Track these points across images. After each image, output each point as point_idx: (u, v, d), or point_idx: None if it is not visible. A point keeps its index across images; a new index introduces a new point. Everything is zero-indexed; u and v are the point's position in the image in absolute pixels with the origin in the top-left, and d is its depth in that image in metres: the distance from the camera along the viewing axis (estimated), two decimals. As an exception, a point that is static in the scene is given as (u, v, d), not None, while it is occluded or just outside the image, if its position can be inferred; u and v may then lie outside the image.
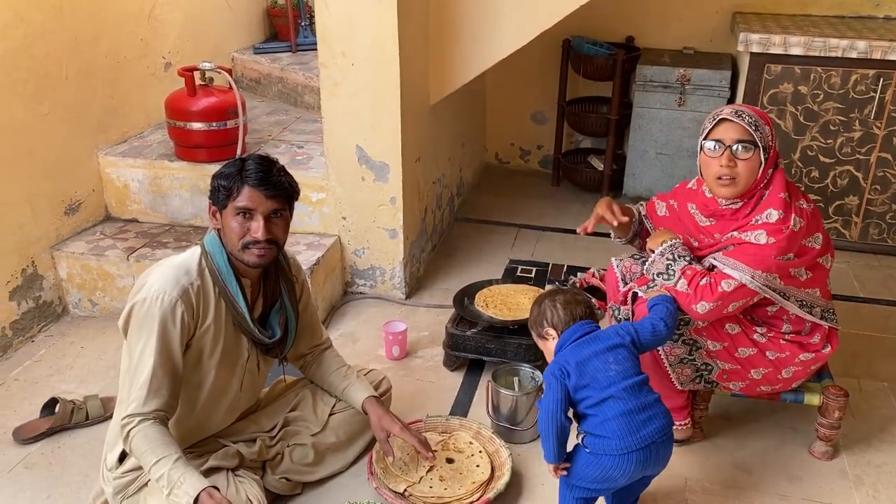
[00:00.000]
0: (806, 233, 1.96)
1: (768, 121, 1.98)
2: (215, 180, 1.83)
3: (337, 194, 3.01)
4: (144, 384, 1.75)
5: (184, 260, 1.86)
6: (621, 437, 1.73)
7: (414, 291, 3.21)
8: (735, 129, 1.93)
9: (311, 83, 3.66)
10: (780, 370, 2.07)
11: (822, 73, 3.26)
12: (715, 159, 1.95)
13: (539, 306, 1.92)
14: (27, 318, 2.84)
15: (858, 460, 2.26)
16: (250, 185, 1.79)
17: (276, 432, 2.11)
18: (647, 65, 3.78)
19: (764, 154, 1.93)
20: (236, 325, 1.90)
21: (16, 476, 2.18)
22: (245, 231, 1.81)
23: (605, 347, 1.80)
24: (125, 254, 2.91)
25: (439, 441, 2.22)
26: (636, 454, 1.74)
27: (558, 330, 1.87)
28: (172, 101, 3.05)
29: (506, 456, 2.18)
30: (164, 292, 1.77)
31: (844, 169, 3.39)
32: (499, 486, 2.07)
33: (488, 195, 4.20)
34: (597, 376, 1.77)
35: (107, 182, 3.17)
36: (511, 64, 3.47)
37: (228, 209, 1.82)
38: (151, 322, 1.76)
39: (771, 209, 1.93)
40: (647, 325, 1.87)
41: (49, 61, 2.81)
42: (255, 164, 1.82)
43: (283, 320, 2.01)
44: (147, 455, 1.72)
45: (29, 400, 2.50)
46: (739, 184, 1.95)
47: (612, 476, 1.77)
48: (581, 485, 1.84)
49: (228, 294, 1.86)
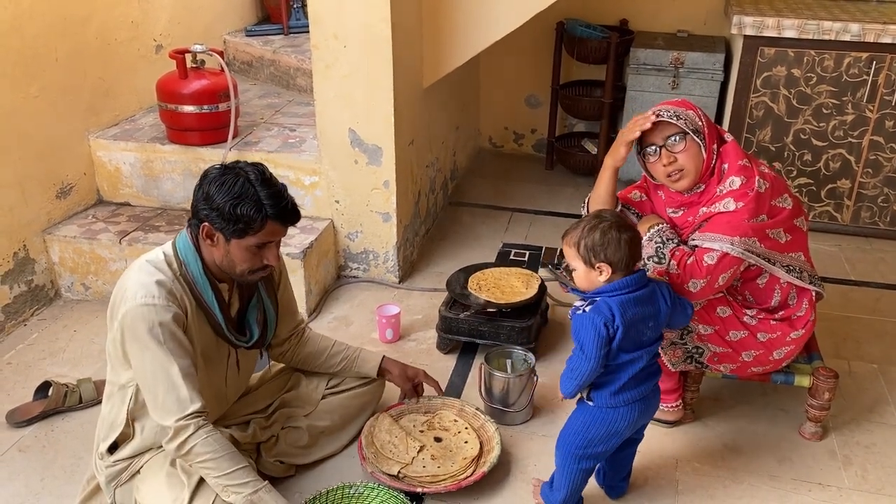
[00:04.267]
0: (772, 194, 1.99)
1: (690, 106, 2.02)
2: (231, 209, 1.69)
3: (330, 178, 3.00)
4: (180, 387, 1.70)
5: (158, 262, 1.78)
6: (629, 390, 1.81)
7: (407, 275, 3.21)
8: (658, 128, 2.00)
9: (304, 66, 3.64)
10: (772, 351, 2.09)
11: (815, 56, 3.26)
12: (658, 162, 2.02)
13: (603, 234, 1.74)
14: (19, 301, 2.84)
15: (847, 441, 2.28)
16: (272, 219, 1.73)
17: (272, 413, 2.12)
18: (640, 48, 3.77)
19: (697, 136, 1.97)
20: (214, 331, 1.87)
21: (9, 459, 2.19)
22: (258, 261, 1.78)
23: (653, 312, 1.79)
24: (117, 237, 2.90)
25: (424, 421, 2.24)
26: (638, 404, 1.84)
27: (614, 268, 1.75)
28: (164, 84, 3.03)
29: (493, 430, 2.21)
30: (151, 295, 1.71)
31: (837, 152, 3.40)
32: (491, 459, 2.10)
33: (482, 179, 4.19)
34: (634, 339, 1.77)
35: (98, 165, 3.15)
36: (505, 47, 3.46)
37: (244, 241, 1.74)
38: (152, 327, 1.69)
39: (732, 177, 1.98)
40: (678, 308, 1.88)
41: (39, 42, 2.79)
42: (273, 196, 1.72)
43: (262, 316, 1.99)
44: (221, 462, 1.72)
45: (22, 383, 2.50)
46: (690, 173, 2.00)
47: (618, 430, 1.84)
48: (589, 450, 1.85)
49: (205, 303, 1.81)
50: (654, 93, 3.79)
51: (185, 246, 1.81)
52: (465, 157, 4.26)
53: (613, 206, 2.18)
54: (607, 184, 2.16)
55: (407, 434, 2.16)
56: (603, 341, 1.73)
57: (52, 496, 2.06)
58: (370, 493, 1.99)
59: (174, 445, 1.72)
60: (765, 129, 3.42)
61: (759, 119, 3.41)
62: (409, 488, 2.01)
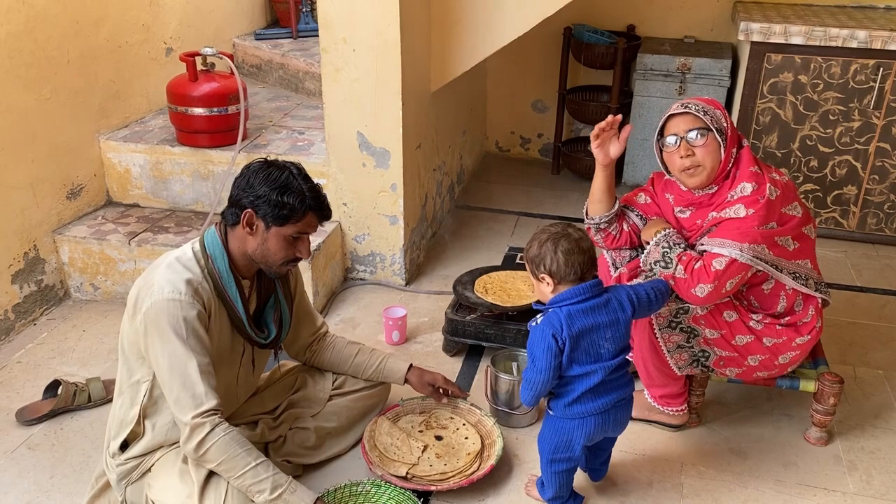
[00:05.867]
0: (783, 201, 2.00)
1: (717, 105, 2.04)
2: (278, 196, 1.77)
3: (338, 180, 3.02)
4: (196, 383, 1.72)
5: (185, 259, 1.82)
6: (584, 403, 1.82)
7: (414, 278, 3.22)
8: (685, 119, 2.01)
9: (312, 69, 3.67)
10: (777, 356, 2.10)
11: (822, 63, 3.27)
12: (675, 153, 2.02)
13: (540, 247, 1.79)
14: (29, 301, 2.86)
15: (852, 446, 2.28)
16: (314, 210, 1.83)
17: (280, 413, 2.13)
18: (647, 53, 3.79)
19: (720, 135, 1.98)
20: (233, 326, 1.90)
21: (19, 457, 2.20)
22: (292, 252, 1.85)
23: (609, 321, 1.79)
24: (126, 238, 2.93)
25: (421, 421, 2.25)
26: (595, 418, 1.85)
27: (556, 279, 1.79)
28: (174, 87, 3.05)
29: (491, 424, 2.23)
30: (178, 291, 1.74)
31: (843, 159, 3.41)
32: (496, 451, 2.12)
33: (488, 183, 4.21)
34: (588, 351, 1.79)
35: (108, 167, 3.18)
36: (512, 52, 3.48)
37: (283, 229, 1.80)
38: (175, 322, 1.72)
39: (744, 183, 1.98)
40: (643, 294, 1.87)
41: (51, 45, 2.82)
42: (310, 187, 1.83)
43: (278, 315, 2.02)
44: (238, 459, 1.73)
45: (32, 382, 2.52)
46: (705, 170, 2.00)
47: (573, 440, 1.86)
48: (557, 455, 1.90)
49: (227, 297, 1.85)
50: (660, 98, 3.80)
51: (212, 241, 1.85)
52: (472, 160, 4.28)
53: (610, 204, 2.19)
54: (598, 183, 2.18)
55: (407, 435, 2.17)
56: (553, 352, 1.76)
57: (62, 494, 2.07)
58: (377, 492, 2.00)
59: (192, 446, 1.73)
60: (771, 135, 3.43)
61: (766, 125, 3.42)
62: (422, 487, 2.02)
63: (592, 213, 2.22)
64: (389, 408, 2.28)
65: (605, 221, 2.20)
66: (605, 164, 2.16)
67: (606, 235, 2.22)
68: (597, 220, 2.21)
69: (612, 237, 2.22)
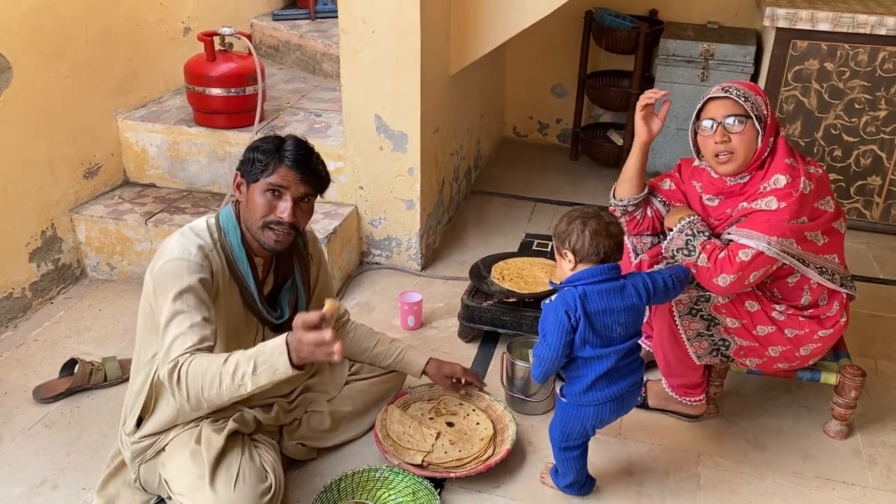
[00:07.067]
0: (816, 195, 1.95)
1: (759, 91, 1.99)
2: (251, 152, 1.80)
3: (355, 164, 3.00)
4: (182, 324, 1.68)
5: (198, 229, 1.84)
6: (600, 390, 1.81)
7: (429, 263, 3.21)
8: (725, 104, 1.95)
9: (330, 51, 3.64)
10: (798, 348, 2.06)
11: (849, 50, 3.21)
12: (710, 137, 1.97)
13: (569, 223, 1.80)
14: (46, 279, 2.87)
15: (873, 440, 2.25)
16: (287, 164, 1.78)
17: (295, 397, 2.13)
18: (670, 38, 3.73)
19: (759, 123, 1.93)
20: (245, 303, 1.89)
21: (36, 434, 2.22)
22: (271, 209, 1.79)
23: (623, 307, 1.78)
24: (143, 218, 2.93)
25: (431, 408, 2.24)
26: (611, 404, 1.84)
27: (578, 257, 1.79)
28: (192, 67, 3.04)
29: (501, 409, 2.22)
30: (188, 252, 1.76)
31: (868, 148, 3.35)
32: (510, 436, 2.12)
33: (505, 168, 4.17)
34: (601, 333, 1.77)
35: (125, 146, 3.17)
36: (532, 35, 3.44)
37: (259, 184, 1.79)
38: (179, 280, 1.72)
39: (778, 175, 1.93)
40: (659, 281, 1.85)
41: (70, 22, 2.80)
42: (294, 145, 1.80)
43: (294, 299, 2.00)
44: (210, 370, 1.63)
45: (48, 360, 2.53)
46: (738, 158, 1.95)
47: (591, 426, 1.88)
48: (569, 443, 1.90)
49: (239, 272, 1.85)
50: (682, 84, 3.75)
51: (227, 216, 1.86)
52: (489, 145, 4.25)
53: (640, 186, 2.15)
54: (632, 162, 2.14)
55: (419, 423, 2.16)
56: (564, 329, 1.75)
57: (78, 471, 2.08)
58: (394, 478, 2.00)
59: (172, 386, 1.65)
60: (795, 123, 3.38)
61: (790, 113, 3.36)
62: (441, 475, 2.01)
63: (622, 195, 2.18)
64: (398, 396, 2.27)
65: (633, 205, 2.17)
66: (646, 140, 2.12)
67: (631, 219, 2.19)
68: (625, 203, 2.17)
69: (636, 221, 2.19)
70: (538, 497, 2.02)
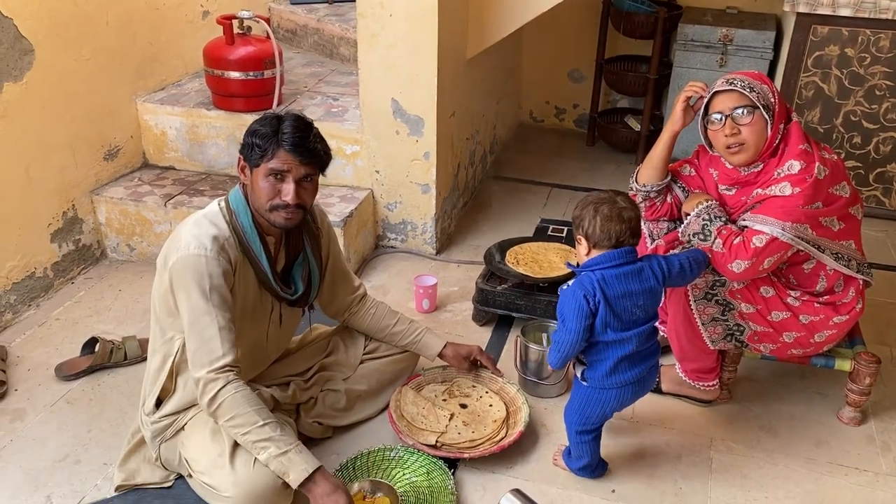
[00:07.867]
0: (831, 181, 1.94)
1: (765, 80, 1.98)
2: (249, 137, 1.79)
3: (371, 148, 3.01)
4: (213, 338, 1.74)
5: (211, 215, 1.84)
6: (623, 372, 1.83)
7: (445, 247, 3.22)
8: (731, 97, 1.96)
9: (348, 35, 3.64)
10: (813, 334, 2.06)
11: (870, 36, 3.17)
12: (720, 131, 1.97)
13: (582, 208, 1.81)
14: (67, 260, 2.91)
15: (886, 427, 2.25)
16: (286, 148, 1.76)
17: (311, 376, 2.16)
18: (688, 23, 3.70)
19: (767, 112, 1.93)
20: (260, 282, 1.91)
21: (59, 410, 2.26)
22: (275, 193, 1.80)
23: (642, 290, 1.79)
24: (163, 200, 2.96)
25: (444, 390, 2.26)
26: (632, 386, 1.87)
27: (591, 242, 1.79)
28: (210, 50, 3.06)
29: (514, 391, 2.24)
30: (204, 247, 1.76)
31: (888, 135, 3.32)
32: (523, 417, 2.14)
33: (521, 153, 4.17)
34: (621, 317, 1.78)
35: (145, 129, 3.21)
36: (550, 19, 3.43)
37: (260, 169, 1.79)
38: (200, 277, 1.74)
39: (791, 161, 1.93)
40: (675, 264, 1.86)
41: (91, 6, 2.83)
42: (291, 127, 1.78)
43: (307, 273, 2.02)
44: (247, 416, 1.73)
45: (70, 339, 2.58)
46: (750, 148, 1.95)
47: (612, 409, 1.90)
48: (587, 426, 1.92)
49: (252, 253, 1.86)
50: (700, 69, 3.72)
51: (236, 198, 1.87)
52: (506, 130, 4.24)
53: (664, 173, 2.15)
54: (660, 148, 2.13)
55: (433, 404, 2.18)
56: (584, 314, 1.75)
57: (99, 447, 2.13)
58: (409, 458, 2.03)
59: (205, 401, 1.74)
60: (814, 109, 3.35)
61: (809, 99, 3.34)
62: (454, 455, 2.04)
63: (645, 181, 2.17)
64: (412, 377, 2.29)
65: (656, 191, 2.16)
66: (679, 129, 2.11)
67: (651, 205, 2.19)
68: (648, 188, 2.16)
69: (655, 207, 2.19)
70: (551, 479, 2.04)
